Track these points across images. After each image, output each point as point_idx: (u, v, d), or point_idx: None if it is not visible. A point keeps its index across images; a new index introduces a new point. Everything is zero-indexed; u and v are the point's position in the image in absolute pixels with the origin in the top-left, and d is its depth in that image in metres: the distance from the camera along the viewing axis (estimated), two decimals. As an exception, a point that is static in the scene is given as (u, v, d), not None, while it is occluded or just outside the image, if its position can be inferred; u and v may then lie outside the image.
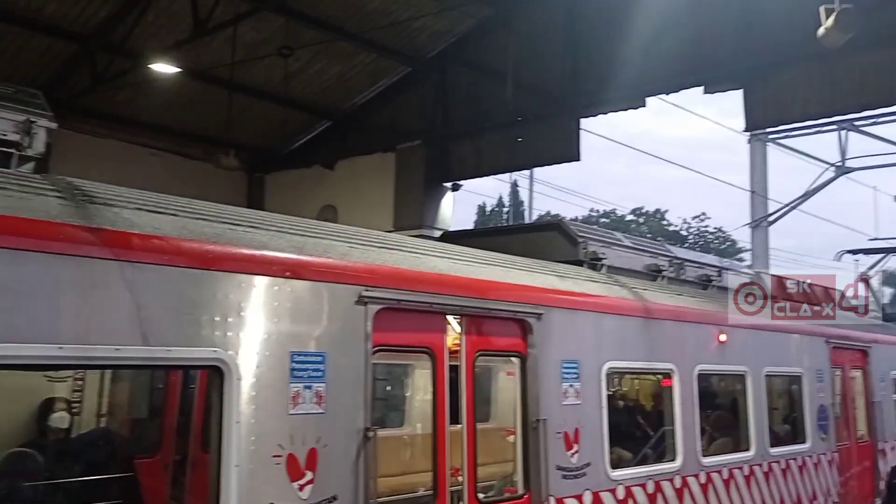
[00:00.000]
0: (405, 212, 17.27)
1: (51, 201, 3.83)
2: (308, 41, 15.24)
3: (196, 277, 4.13)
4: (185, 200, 4.64)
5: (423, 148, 17.36)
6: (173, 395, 6.38)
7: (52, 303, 3.63)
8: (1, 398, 3.49)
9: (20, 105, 4.39)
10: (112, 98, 15.70)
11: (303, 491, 4.37)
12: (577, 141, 15.83)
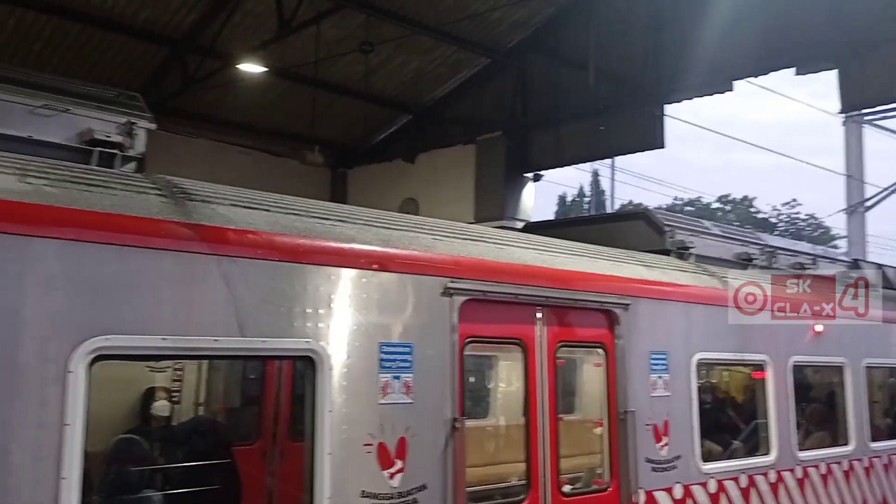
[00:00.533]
0: (486, 203, 17.27)
1: (152, 199, 4.00)
2: (388, 36, 15.40)
3: (288, 270, 4.25)
4: (277, 196, 4.78)
5: (504, 139, 17.31)
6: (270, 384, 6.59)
7: (156, 296, 3.80)
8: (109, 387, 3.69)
9: (122, 108, 4.61)
10: (202, 99, 16.26)
11: (393, 479, 4.45)
12: (662, 128, 15.51)
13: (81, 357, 3.48)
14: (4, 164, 3.64)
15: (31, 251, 3.43)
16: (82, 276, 3.56)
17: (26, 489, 3.28)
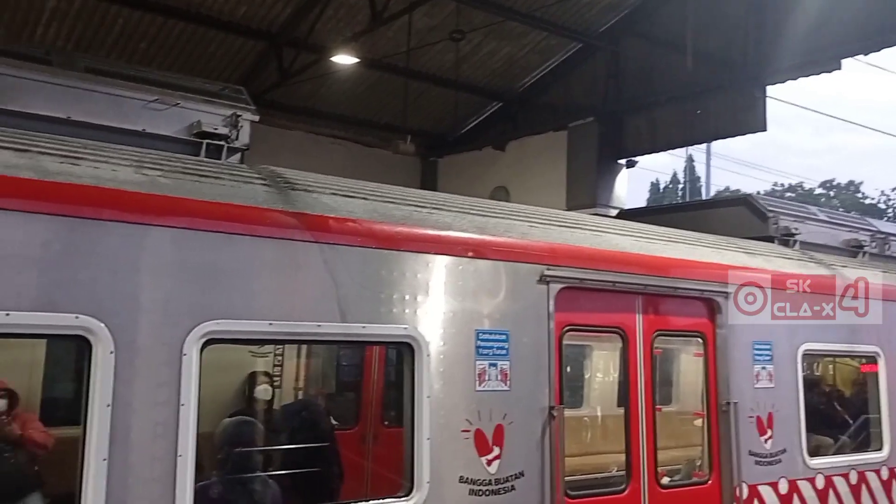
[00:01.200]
0: (578, 190, 17.06)
1: (257, 189, 4.13)
2: (478, 24, 15.37)
3: (386, 257, 4.32)
4: (374, 185, 4.85)
5: (596, 125, 17.03)
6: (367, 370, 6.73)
7: (262, 282, 3.93)
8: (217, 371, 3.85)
9: (227, 101, 4.77)
10: (297, 91, 16.64)
11: (491, 466, 4.47)
12: (763, 110, 14.91)
13: (194, 340, 3.63)
14: (123, 157, 3.82)
15: (147, 239, 3.60)
16: (194, 263, 3.72)
17: (146, 465, 3.46)
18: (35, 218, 3.34)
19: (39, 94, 4.09)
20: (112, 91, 4.34)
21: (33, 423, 5.59)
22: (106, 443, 3.36)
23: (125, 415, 3.43)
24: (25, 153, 3.52)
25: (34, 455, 5.43)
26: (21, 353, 6.45)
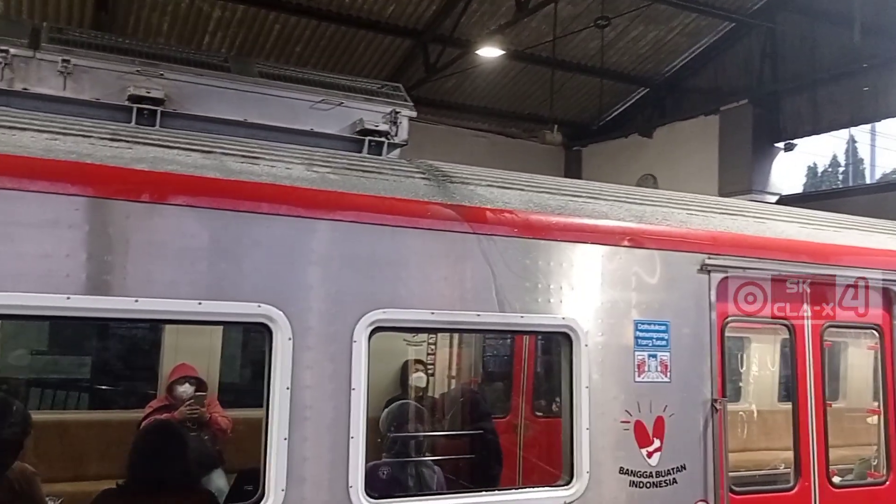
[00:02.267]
0: (731, 177, 16.33)
1: (418, 183, 4.27)
2: (624, 9, 15.03)
3: (543, 247, 4.33)
4: (528, 176, 4.89)
5: (750, 107, 16.23)
6: (518, 360, 6.79)
7: (424, 273, 4.06)
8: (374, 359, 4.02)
9: (387, 98, 4.95)
10: (441, 86, 16.94)
11: (651, 458, 4.41)
12: (940, 84, 13.71)
13: (363, 328, 3.81)
14: (295, 156, 4.06)
15: (320, 232, 3.81)
16: (362, 254, 3.89)
17: (321, 446, 3.66)
18: (222, 214, 3.61)
19: (219, 99, 4.42)
20: (283, 94, 4.62)
21: (216, 407, 6.06)
22: (286, 423, 3.59)
23: (302, 397, 3.65)
24: (211, 154, 3.81)
25: (216, 436, 5.89)
26: (202, 341, 7.00)
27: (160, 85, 4.21)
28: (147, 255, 3.44)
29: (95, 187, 3.40)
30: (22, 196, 3.26)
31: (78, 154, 3.47)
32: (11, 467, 3.69)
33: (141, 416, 6.10)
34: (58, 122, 3.66)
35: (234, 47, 14.34)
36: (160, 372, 6.80)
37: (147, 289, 3.43)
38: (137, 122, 4.09)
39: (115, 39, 4.52)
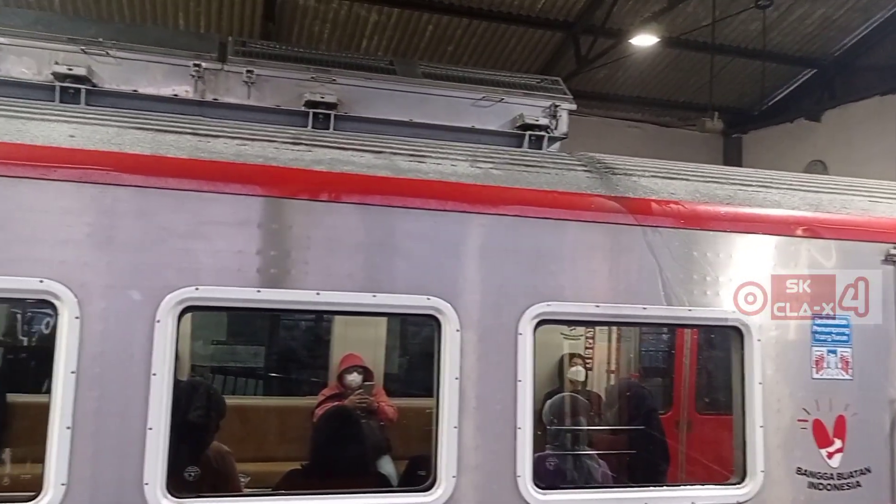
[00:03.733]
0: (914, 160, 15.05)
1: (580, 175, 4.27)
2: (788, -13, 14.21)
3: (711, 239, 4.21)
4: (693, 165, 4.76)
5: (935, 84, 14.89)
6: (679, 355, 6.63)
7: (588, 266, 4.06)
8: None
9: (546, 92, 4.98)
10: (593, 77, 16.69)
11: (832, 459, 4.19)
12: None
13: (528, 321, 3.87)
14: (459, 153, 4.18)
15: (485, 227, 3.90)
16: (526, 248, 3.95)
17: (489, 435, 3.75)
18: (394, 211, 3.78)
19: (387, 101, 4.61)
20: (445, 93, 4.76)
21: (383, 396, 6.34)
22: (456, 412, 3.71)
23: (470, 388, 3.76)
24: (381, 154, 4.00)
25: (383, 423, 6.15)
26: (368, 333, 7.33)
27: (333, 90, 4.46)
28: (327, 250, 3.66)
29: (281, 188, 3.66)
30: (217, 198, 3.57)
31: (264, 158, 3.75)
32: (210, 446, 4.05)
33: (314, 403, 6.48)
34: (245, 128, 3.96)
35: (389, 50, 14.82)
36: (330, 361, 7.19)
37: (327, 282, 3.66)
38: (314, 125, 4.35)
39: (291, 49, 4.82)
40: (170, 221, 3.50)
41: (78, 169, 3.42)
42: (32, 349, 7.20)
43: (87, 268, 3.38)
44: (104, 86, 4.13)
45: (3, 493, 3.35)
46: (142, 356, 3.38)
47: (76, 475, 3.24)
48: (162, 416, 3.36)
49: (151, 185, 3.51)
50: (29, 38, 4.11)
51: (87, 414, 3.29)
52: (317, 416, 5.87)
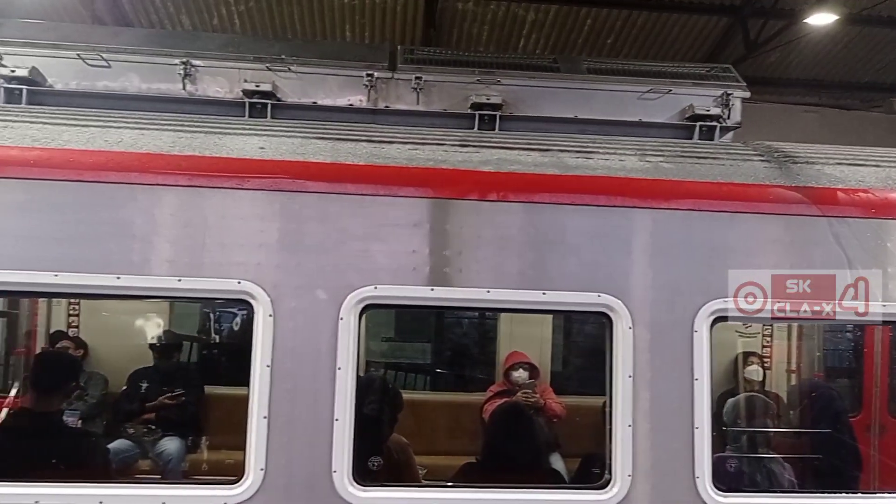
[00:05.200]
0: None
1: (756, 165, 4.08)
2: None
3: (906, 229, 3.91)
4: (883, 150, 4.43)
5: None
6: (870, 353, 6.17)
7: (767, 261, 3.87)
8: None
9: (716, 81, 4.80)
10: (763, 62, 15.78)
11: None
12: None
13: (704, 318, 3.75)
14: (626, 148, 4.12)
15: (656, 222, 3.83)
16: (700, 243, 3.84)
17: (667, 437, 3.68)
18: (562, 209, 3.80)
19: (551, 99, 4.63)
20: (610, 88, 4.71)
21: (550, 393, 6.35)
22: (630, 410, 3.67)
23: (644, 386, 3.70)
24: (548, 152, 4.02)
25: (551, 421, 6.16)
26: (533, 330, 7.37)
27: (498, 91, 4.53)
28: (497, 249, 3.73)
29: (451, 189, 3.77)
30: (393, 201, 3.74)
31: (435, 161, 3.88)
32: (390, 437, 4.24)
33: (481, 398, 6.60)
34: (415, 133, 4.11)
35: (547, 47, 14.77)
36: (497, 358, 7.29)
37: (497, 280, 3.74)
38: (479, 127, 4.44)
39: (456, 54, 4.95)
40: (350, 225, 3.70)
41: (268, 178, 3.70)
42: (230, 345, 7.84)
43: (279, 269, 3.64)
44: (287, 99, 4.43)
45: (208, 478, 3.66)
46: (328, 351, 3.60)
47: (273, 462, 3.51)
48: (347, 408, 3.56)
49: (333, 191, 3.73)
50: (221, 59, 4.48)
51: (281, 405, 3.55)
52: (486, 411, 5.98)
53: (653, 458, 3.66)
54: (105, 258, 3.58)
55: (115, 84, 4.36)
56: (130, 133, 3.78)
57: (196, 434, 6.29)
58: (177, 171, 3.67)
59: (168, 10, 12.94)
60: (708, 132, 4.62)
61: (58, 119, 3.82)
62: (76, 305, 6.97)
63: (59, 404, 4.45)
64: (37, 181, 3.59)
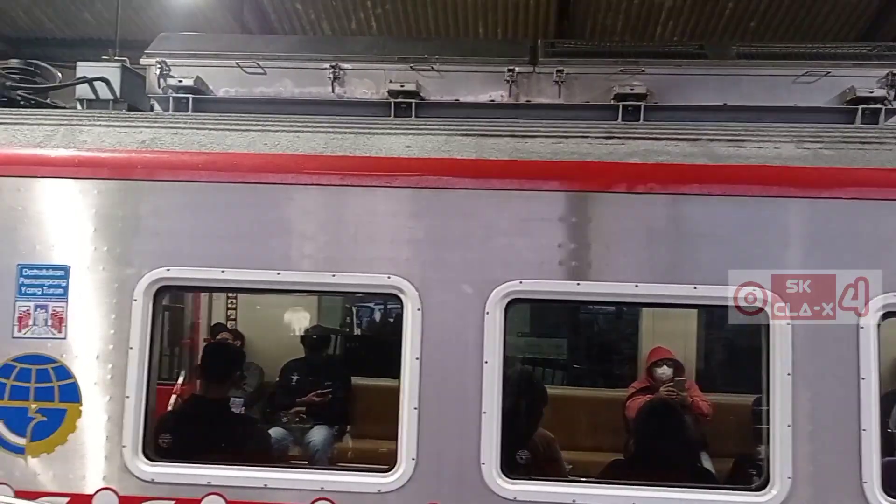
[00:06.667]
0: None
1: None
2: None
3: None
4: None
5: None
6: None
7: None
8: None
9: (880, 60, 4.49)
10: (926, 37, 14.60)
11: None
12: None
13: (872, 313, 3.55)
14: (781, 135, 3.92)
15: (813, 212, 3.64)
16: (865, 233, 3.62)
17: (830, 438, 3.50)
18: (711, 200, 3.68)
19: (698, 87, 4.47)
20: (761, 72, 4.49)
21: (696, 391, 6.15)
22: (789, 410, 3.51)
23: (804, 385, 3.53)
24: (697, 142, 3.90)
25: (698, 419, 5.96)
26: (677, 325, 7.17)
27: (642, 81, 4.42)
28: (645, 242, 3.67)
29: (597, 182, 3.74)
30: (537, 195, 3.74)
31: (579, 154, 3.85)
32: (537, 431, 4.25)
33: (622, 395, 6.47)
34: (558, 127, 4.08)
35: (685, 34, 14.26)
36: (639, 354, 7.14)
37: (645, 274, 3.67)
38: (623, 118, 4.35)
39: (598, 45, 4.88)
40: (495, 220, 3.74)
41: (416, 176, 3.79)
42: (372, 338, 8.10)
43: (426, 264, 3.73)
44: (430, 98, 4.51)
45: (360, 465, 3.80)
46: (474, 345, 3.65)
47: (424, 452, 3.60)
48: (494, 401, 3.60)
49: (477, 187, 3.78)
50: (367, 61, 4.62)
51: (430, 396, 3.64)
52: (630, 408, 5.86)
53: (815, 461, 3.49)
54: (266, 255, 3.79)
55: (270, 90, 4.58)
56: (286, 136, 3.98)
57: (343, 424, 6.54)
58: (330, 171, 3.83)
59: (309, 16, 13.47)
60: (871, 115, 4.32)
61: (221, 125, 4.07)
62: (234, 299, 7.41)
63: (226, 392, 4.77)
64: (204, 184, 3.86)
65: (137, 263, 3.81)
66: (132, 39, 10.96)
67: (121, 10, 11.37)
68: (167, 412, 5.12)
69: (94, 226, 3.84)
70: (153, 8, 12.71)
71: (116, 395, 3.74)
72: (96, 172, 3.89)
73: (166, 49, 4.68)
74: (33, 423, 3.74)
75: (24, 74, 4.76)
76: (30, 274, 3.82)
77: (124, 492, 3.68)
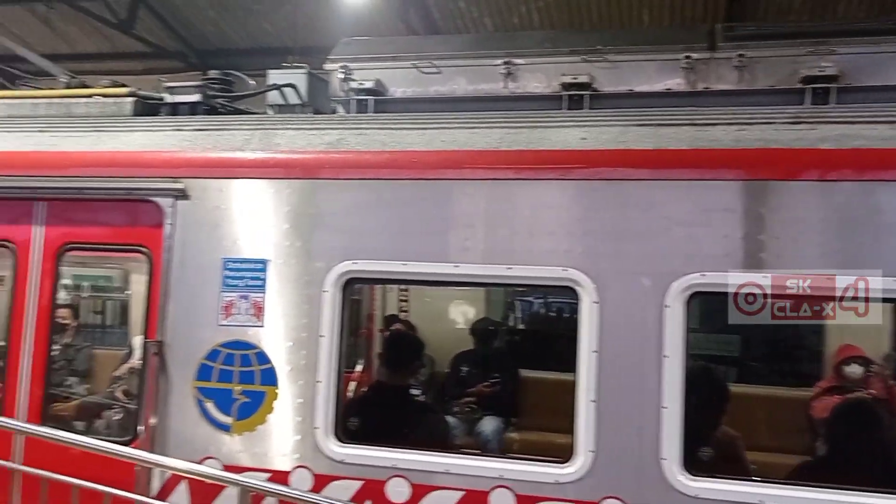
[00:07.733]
0: None
1: None
2: None
3: None
4: None
5: None
6: None
7: None
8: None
9: None
10: None
11: None
12: None
13: None
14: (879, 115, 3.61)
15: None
16: None
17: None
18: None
19: (895, 65, 4.14)
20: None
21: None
22: None
23: None
24: (895, 124, 3.62)
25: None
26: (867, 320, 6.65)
27: (832, 62, 4.16)
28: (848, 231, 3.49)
29: (786, 170, 3.57)
30: (720, 185, 3.63)
31: (764, 141, 3.68)
32: (720, 429, 4.11)
33: (807, 395, 6.10)
34: (740, 113, 3.92)
35: (873, 9, 13.14)
36: (824, 352, 6.71)
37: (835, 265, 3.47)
38: (812, 102, 4.11)
39: (782, 26, 4.62)
40: (675, 211, 3.66)
41: (592, 168, 3.78)
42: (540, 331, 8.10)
43: (603, 257, 3.71)
44: (603, 89, 4.46)
45: (536, 457, 3.83)
46: (654, 339, 3.59)
47: (602, 444, 3.59)
48: (676, 396, 3.53)
49: (656, 178, 3.72)
50: (538, 55, 4.63)
51: (608, 390, 3.62)
52: (816, 408, 5.53)
53: None
54: (444, 248, 3.92)
55: (445, 88, 4.70)
56: (462, 133, 4.09)
57: (512, 415, 6.59)
58: (506, 165, 3.90)
59: (472, 14, 13.63)
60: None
61: (400, 124, 4.24)
62: (405, 292, 7.64)
63: (407, 380, 4.96)
64: (387, 181, 4.04)
65: (327, 257, 4.05)
66: (305, 46, 11.60)
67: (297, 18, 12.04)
68: (353, 397, 5.40)
69: (288, 223, 4.12)
70: (325, 15, 13.35)
71: (309, 380, 3.99)
72: (289, 173, 4.17)
73: (348, 54, 4.91)
74: (238, 403, 4.08)
75: (223, 84, 5.17)
76: (233, 267, 4.16)
77: (318, 470, 3.93)
